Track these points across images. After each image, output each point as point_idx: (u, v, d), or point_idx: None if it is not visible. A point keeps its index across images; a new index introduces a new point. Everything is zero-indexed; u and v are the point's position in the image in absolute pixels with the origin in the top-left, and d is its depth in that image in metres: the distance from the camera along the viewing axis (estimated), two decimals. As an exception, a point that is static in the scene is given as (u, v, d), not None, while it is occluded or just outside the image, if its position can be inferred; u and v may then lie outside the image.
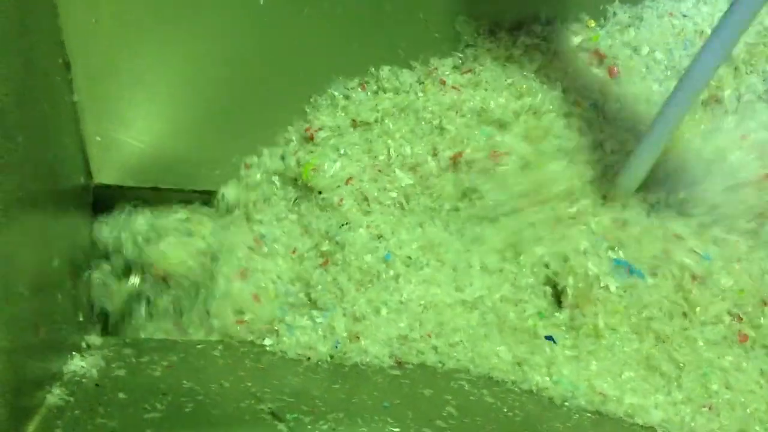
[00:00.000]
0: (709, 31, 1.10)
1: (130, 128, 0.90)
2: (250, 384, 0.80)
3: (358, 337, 0.90)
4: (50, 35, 0.81)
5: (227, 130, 0.96)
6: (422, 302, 0.93)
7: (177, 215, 0.98)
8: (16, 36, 0.70)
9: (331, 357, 0.89)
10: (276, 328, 0.93)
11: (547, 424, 0.81)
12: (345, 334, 0.90)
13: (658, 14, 1.14)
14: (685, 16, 1.15)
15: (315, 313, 0.93)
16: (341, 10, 0.97)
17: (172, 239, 0.97)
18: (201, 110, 0.95)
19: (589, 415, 0.85)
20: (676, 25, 1.14)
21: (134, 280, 0.96)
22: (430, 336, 0.91)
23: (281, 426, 0.72)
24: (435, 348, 0.91)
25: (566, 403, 0.86)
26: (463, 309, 0.94)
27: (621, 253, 0.96)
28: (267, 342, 0.92)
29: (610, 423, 0.84)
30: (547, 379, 0.89)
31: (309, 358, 0.89)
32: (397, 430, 0.74)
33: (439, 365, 0.90)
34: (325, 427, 0.73)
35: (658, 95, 1.05)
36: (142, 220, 0.97)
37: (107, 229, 0.95)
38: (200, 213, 1.00)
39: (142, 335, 0.97)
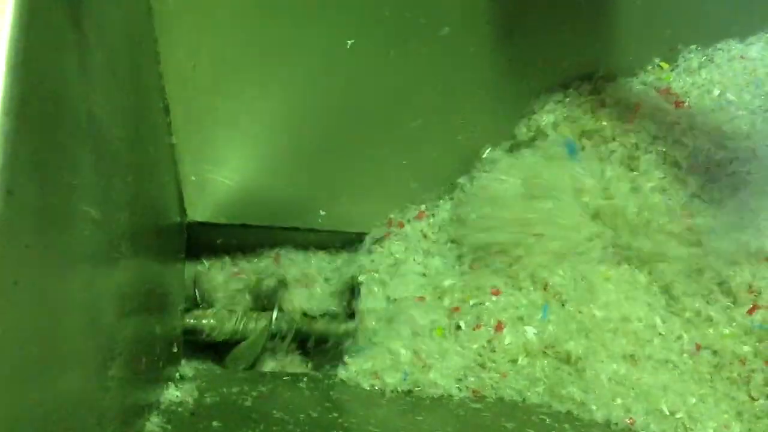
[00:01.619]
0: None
1: (223, 168, 0.94)
2: (336, 414, 0.82)
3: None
4: (153, 81, 0.85)
5: (314, 170, 1.00)
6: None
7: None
8: (128, 83, 0.75)
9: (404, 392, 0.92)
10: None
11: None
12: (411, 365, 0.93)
13: (729, 57, 1.15)
14: (754, 58, 1.16)
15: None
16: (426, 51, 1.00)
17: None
18: (289, 151, 0.98)
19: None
20: (747, 66, 1.15)
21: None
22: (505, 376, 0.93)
23: (371, 455, 0.74)
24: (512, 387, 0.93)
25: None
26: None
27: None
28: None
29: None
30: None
31: (391, 391, 0.91)
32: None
33: (520, 400, 0.92)
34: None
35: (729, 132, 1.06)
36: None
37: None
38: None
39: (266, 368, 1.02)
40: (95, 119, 0.64)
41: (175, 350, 0.90)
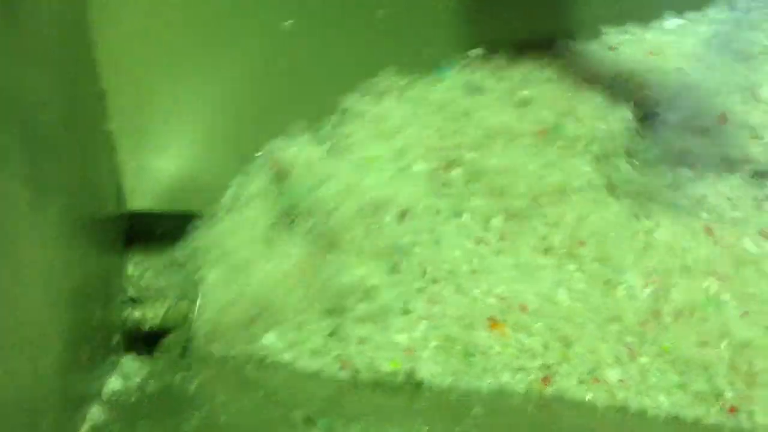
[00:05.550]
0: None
1: (161, 155, 0.93)
2: (282, 394, 0.83)
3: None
4: (87, 67, 0.84)
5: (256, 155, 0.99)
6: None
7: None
8: (61, 68, 0.74)
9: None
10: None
11: (573, 421, 0.83)
12: None
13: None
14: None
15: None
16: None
17: None
18: (230, 136, 0.98)
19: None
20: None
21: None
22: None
23: (314, 430, 0.74)
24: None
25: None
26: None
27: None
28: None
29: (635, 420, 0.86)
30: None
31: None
32: (427, 428, 0.76)
33: None
34: (357, 428, 0.75)
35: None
36: None
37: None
38: None
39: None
40: (25, 100, 0.63)
41: (116, 341, 0.89)
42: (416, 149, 1.03)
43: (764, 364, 0.86)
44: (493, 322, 0.89)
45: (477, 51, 1.11)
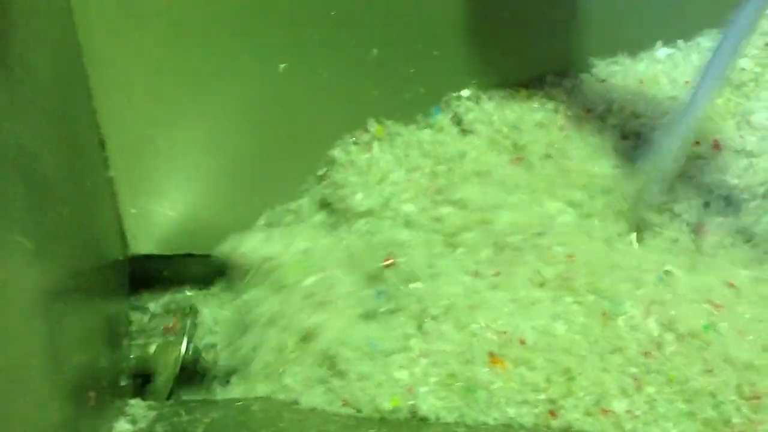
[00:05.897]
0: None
1: (163, 199, 0.94)
2: (289, 435, 0.83)
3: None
4: (86, 116, 0.85)
5: (255, 194, 1.01)
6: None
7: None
8: (59, 118, 0.76)
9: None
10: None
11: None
12: None
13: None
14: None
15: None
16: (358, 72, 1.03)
17: None
18: (229, 177, 0.99)
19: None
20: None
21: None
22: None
23: (323, 469, 0.75)
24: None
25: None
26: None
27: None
28: None
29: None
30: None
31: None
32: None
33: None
34: (364, 468, 0.75)
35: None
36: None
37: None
38: None
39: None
40: (25, 152, 0.64)
41: (123, 383, 0.90)
42: (406, 192, 1.05)
43: (766, 386, 0.86)
44: (492, 358, 0.90)
45: (468, 90, 1.13)
